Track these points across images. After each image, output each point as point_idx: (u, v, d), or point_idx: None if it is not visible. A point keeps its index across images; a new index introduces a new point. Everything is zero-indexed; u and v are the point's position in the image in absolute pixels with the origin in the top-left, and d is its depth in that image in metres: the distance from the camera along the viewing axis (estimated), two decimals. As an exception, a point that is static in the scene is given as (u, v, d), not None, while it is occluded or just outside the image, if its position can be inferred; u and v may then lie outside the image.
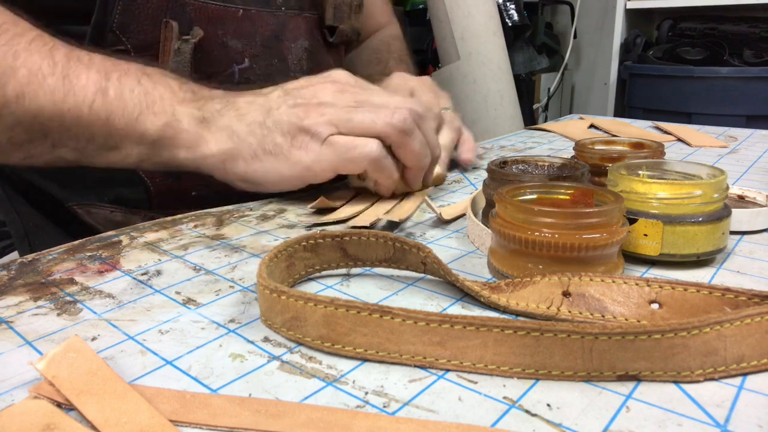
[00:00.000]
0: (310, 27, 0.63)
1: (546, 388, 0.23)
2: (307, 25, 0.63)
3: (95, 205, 0.59)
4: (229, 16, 0.56)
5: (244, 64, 0.58)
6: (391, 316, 0.25)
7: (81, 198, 0.59)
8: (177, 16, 0.52)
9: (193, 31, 0.53)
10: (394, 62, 0.75)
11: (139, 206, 0.58)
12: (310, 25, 0.63)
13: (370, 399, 0.23)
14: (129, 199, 0.58)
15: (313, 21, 0.64)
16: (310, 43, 0.63)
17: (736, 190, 0.45)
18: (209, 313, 0.30)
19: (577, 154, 0.47)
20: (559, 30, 2.35)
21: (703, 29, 1.87)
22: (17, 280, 0.35)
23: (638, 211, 0.34)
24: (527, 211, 0.31)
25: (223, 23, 0.55)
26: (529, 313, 0.29)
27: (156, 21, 0.51)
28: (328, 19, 0.64)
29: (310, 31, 0.63)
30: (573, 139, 0.73)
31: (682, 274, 0.34)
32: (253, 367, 0.25)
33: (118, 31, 0.50)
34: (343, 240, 0.33)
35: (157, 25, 0.51)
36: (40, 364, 0.23)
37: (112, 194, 0.59)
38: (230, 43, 0.56)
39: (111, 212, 0.59)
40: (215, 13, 0.55)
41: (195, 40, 0.52)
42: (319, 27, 0.65)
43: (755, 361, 0.24)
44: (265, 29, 0.59)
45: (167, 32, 0.51)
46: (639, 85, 1.92)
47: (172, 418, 0.22)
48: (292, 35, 0.61)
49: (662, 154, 0.46)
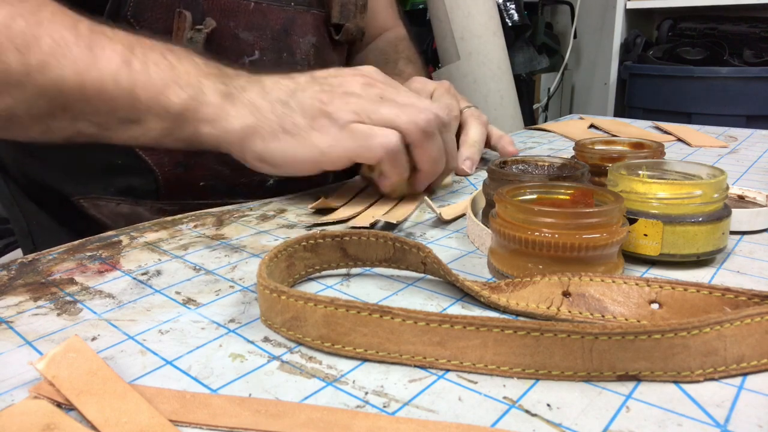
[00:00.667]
0: (317, 24, 0.64)
1: (546, 388, 0.23)
2: (315, 21, 0.64)
3: (101, 197, 0.59)
4: (242, 9, 0.56)
5: (254, 56, 0.58)
6: (391, 316, 0.25)
7: (86, 190, 0.59)
8: (190, 7, 0.53)
9: (205, 22, 0.53)
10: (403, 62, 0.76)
11: (146, 197, 0.58)
12: (317, 22, 0.64)
13: (370, 399, 0.23)
14: (136, 188, 0.58)
15: (320, 18, 0.65)
16: (318, 39, 0.64)
17: (736, 190, 0.45)
18: (209, 313, 0.30)
19: (577, 154, 0.47)
20: (559, 30, 2.35)
21: (703, 29, 1.87)
22: (17, 280, 0.35)
23: (638, 211, 0.34)
24: (527, 211, 0.31)
25: (235, 15, 0.56)
26: (529, 313, 0.29)
27: (170, 10, 0.52)
28: (334, 17, 0.65)
29: (317, 28, 0.64)
30: (573, 139, 0.73)
31: (682, 274, 0.34)
32: (253, 367, 0.25)
33: (132, 19, 0.51)
34: (343, 240, 0.33)
35: (170, 15, 0.52)
36: (40, 364, 0.23)
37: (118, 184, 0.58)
38: (241, 35, 0.57)
39: (117, 204, 0.59)
40: (228, 5, 0.55)
41: (207, 31, 0.53)
42: (326, 24, 0.66)
43: (755, 361, 0.24)
44: (276, 23, 0.59)
45: (180, 22, 0.52)
46: (639, 85, 1.92)
47: (172, 418, 0.22)
48: (300, 30, 0.62)
49: (662, 154, 0.46)
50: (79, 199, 0.59)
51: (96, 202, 0.59)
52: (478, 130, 0.58)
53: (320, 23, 0.65)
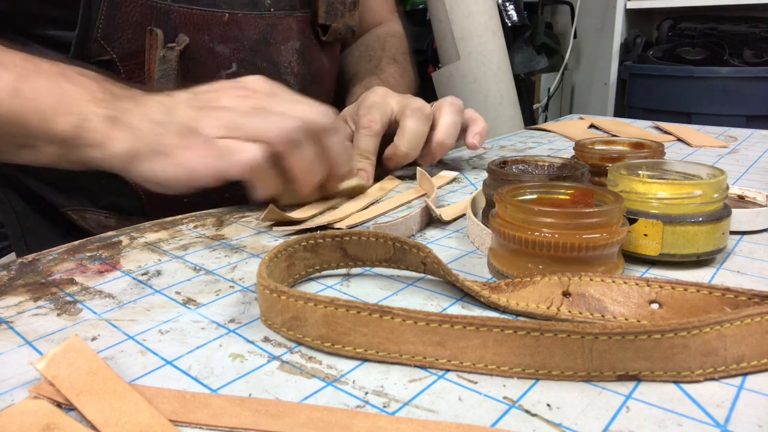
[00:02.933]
0: (301, 26, 0.63)
1: (546, 388, 0.23)
2: (299, 24, 0.62)
3: (89, 210, 0.59)
4: (215, 21, 0.55)
5: (231, 69, 0.57)
6: (391, 316, 0.25)
7: (75, 203, 0.59)
8: (161, 24, 0.52)
9: (178, 39, 0.52)
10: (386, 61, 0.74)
11: (133, 213, 0.58)
12: (301, 25, 0.63)
13: (370, 399, 0.23)
14: (122, 206, 0.58)
15: (305, 20, 0.63)
16: (302, 43, 0.62)
17: (736, 190, 0.45)
18: (209, 313, 0.30)
19: (577, 154, 0.47)
20: (559, 30, 2.35)
21: (703, 29, 1.87)
22: (17, 280, 0.35)
23: (638, 211, 0.34)
24: (527, 211, 0.31)
25: (209, 28, 0.55)
26: (529, 313, 0.29)
27: (140, 29, 0.51)
28: (320, 17, 0.63)
29: (302, 31, 0.63)
30: (573, 139, 0.73)
31: (682, 274, 0.34)
32: (253, 367, 0.25)
33: (102, 41, 0.50)
34: (343, 240, 0.33)
35: (141, 34, 0.51)
36: (40, 364, 0.23)
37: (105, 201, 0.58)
38: (217, 49, 0.56)
39: (105, 218, 0.59)
40: (200, 19, 0.54)
41: (180, 48, 0.52)
42: (312, 25, 0.64)
43: (755, 361, 0.24)
44: (253, 32, 0.58)
45: (152, 40, 0.51)
46: (639, 85, 1.92)
47: (172, 418, 0.22)
48: (281, 37, 0.60)
49: (662, 154, 0.46)
50: (67, 210, 0.60)
51: (84, 215, 0.59)
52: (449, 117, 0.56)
53: (305, 25, 0.63)
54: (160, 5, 0.52)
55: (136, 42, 0.51)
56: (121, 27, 0.50)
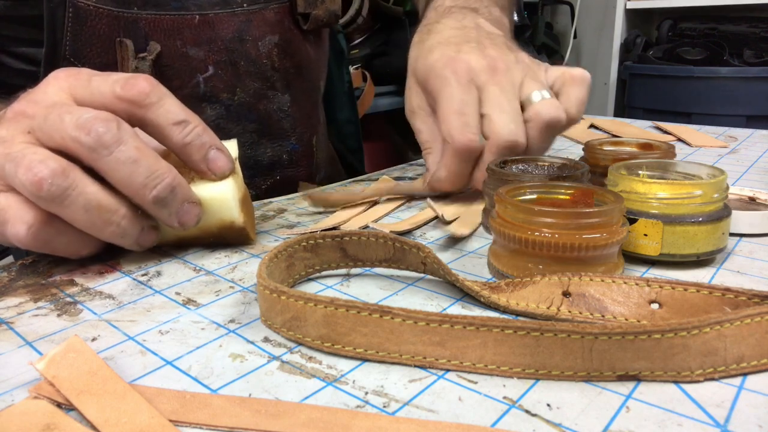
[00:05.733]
0: (279, 18, 0.60)
1: (546, 388, 0.23)
2: (276, 16, 0.59)
3: None
4: (186, 24, 0.53)
5: (208, 73, 0.55)
6: (391, 316, 0.25)
7: None
8: (131, 34, 0.50)
9: (149, 47, 0.51)
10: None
11: None
12: (279, 17, 0.60)
13: (370, 399, 0.23)
14: None
15: (283, 11, 0.60)
16: (281, 36, 0.60)
17: (747, 192, 0.44)
18: (209, 314, 0.30)
19: (588, 155, 0.47)
20: (559, 30, 2.35)
21: (703, 29, 1.87)
22: (17, 281, 0.35)
23: (638, 211, 0.34)
24: (527, 211, 0.31)
25: (180, 33, 0.53)
26: (529, 313, 0.29)
27: (109, 42, 0.49)
28: (299, 5, 0.60)
29: (281, 23, 0.60)
30: (573, 139, 0.73)
31: (682, 274, 0.34)
32: (253, 367, 0.25)
33: (72, 58, 0.49)
34: (343, 240, 0.33)
35: (111, 46, 0.49)
36: (40, 364, 0.23)
37: None
38: (191, 53, 0.54)
39: None
40: (170, 24, 0.52)
41: (152, 57, 0.50)
42: (292, 15, 0.61)
43: (755, 361, 0.24)
44: (227, 31, 0.56)
45: (123, 52, 0.49)
46: (639, 85, 1.93)
47: (172, 418, 0.22)
48: (258, 32, 0.58)
49: (673, 155, 0.45)
50: None
51: None
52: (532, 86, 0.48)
53: (283, 17, 0.60)
54: (127, 15, 0.50)
55: (106, 55, 0.50)
56: (89, 42, 0.49)
